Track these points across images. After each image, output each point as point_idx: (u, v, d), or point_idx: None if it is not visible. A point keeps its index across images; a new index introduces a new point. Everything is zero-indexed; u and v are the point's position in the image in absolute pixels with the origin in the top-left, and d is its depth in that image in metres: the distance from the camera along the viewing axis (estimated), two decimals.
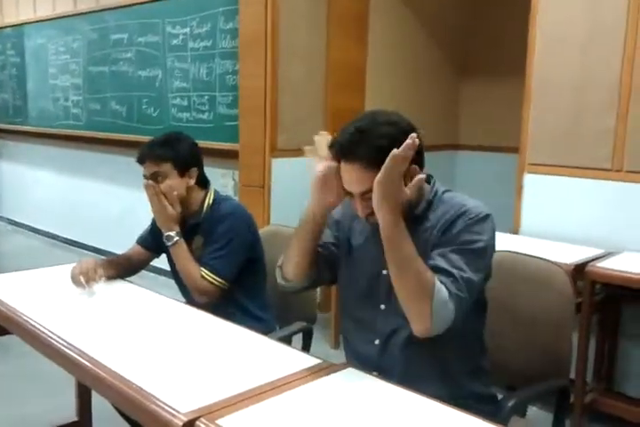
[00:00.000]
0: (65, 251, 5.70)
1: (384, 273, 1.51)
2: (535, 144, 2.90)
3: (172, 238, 2.01)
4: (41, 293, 1.97)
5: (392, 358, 1.50)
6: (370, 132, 1.38)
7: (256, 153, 3.59)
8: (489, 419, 1.19)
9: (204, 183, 2.14)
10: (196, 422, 1.16)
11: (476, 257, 1.39)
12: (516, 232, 2.95)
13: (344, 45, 3.79)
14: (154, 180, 2.03)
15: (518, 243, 2.65)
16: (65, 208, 5.97)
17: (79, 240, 5.77)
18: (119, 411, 1.78)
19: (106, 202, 5.38)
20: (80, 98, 5.40)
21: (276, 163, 3.56)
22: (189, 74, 4.24)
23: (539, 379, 1.62)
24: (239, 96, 3.73)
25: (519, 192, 2.97)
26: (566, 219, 2.82)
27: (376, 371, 1.47)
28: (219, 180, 3.99)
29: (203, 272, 1.97)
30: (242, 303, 2.07)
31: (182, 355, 1.50)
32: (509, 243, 2.40)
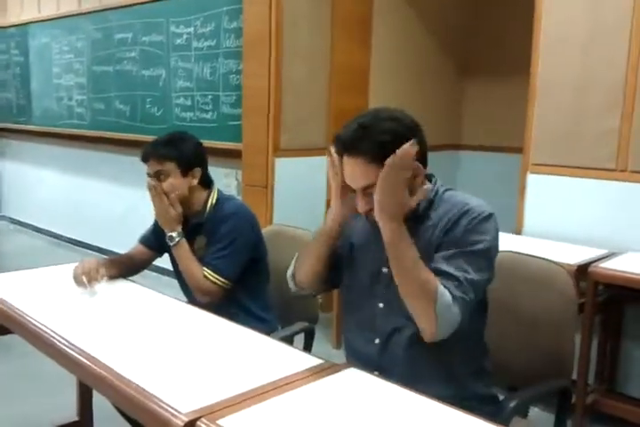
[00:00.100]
0: (68, 250, 5.71)
1: (384, 271, 1.51)
2: (538, 144, 2.89)
3: (174, 239, 2.01)
4: (43, 292, 1.98)
5: (393, 357, 1.49)
6: (373, 127, 1.39)
7: (259, 153, 3.59)
8: (490, 420, 1.19)
9: (208, 183, 2.14)
10: (197, 422, 1.16)
11: (480, 258, 1.39)
12: (519, 232, 2.94)
13: (347, 46, 3.79)
14: (157, 178, 2.03)
15: (521, 243, 2.64)
16: (68, 208, 5.98)
17: (82, 240, 5.78)
18: (120, 411, 1.79)
19: (109, 201, 5.39)
20: (84, 97, 5.41)
21: (279, 162, 3.56)
22: (193, 73, 4.24)
23: (540, 380, 1.62)
24: (243, 96, 3.73)
25: (522, 192, 2.96)
26: (569, 219, 2.81)
27: (376, 370, 1.47)
28: (222, 179, 4.00)
29: (205, 272, 1.97)
30: (244, 304, 2.07)
31: (184, 355, 1.50)
32: (512, 243, 2.39)
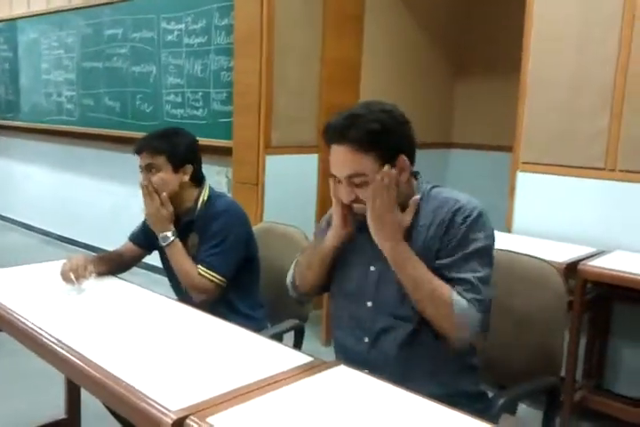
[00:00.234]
0: (57, 248, 5.68)
1: (372, 269, 1.52)
2: (528, 143, 2.90)
3: (169, 238, 2.00)
4: (31, 289, 1.96)
5: (382, 356, 1.50)
6: (363, 116, 1.41)
7: (250, 150, 3.59)
8: (479, 417, 1.19)
9: (200, 181, 2.13)
10: (187, 420, 1.16)
11: (483, 254, 1.43)
12: (509, 231, 2.95)
13: (339, 43, 3.78)
14: (148, 171, 2.03)
15: (511, 241, 2.65)
16: (57, 205, 5.95)
17: (71, 237, 5.75)
18: (108, 408, 1.78)
19: (98, 199, 5.36)
20: (73, 93, 5.37)
21: (270, 160, 3.55)
22: (184, 70, 4.22)
23: (529, 377, 1.63)
24: (233, 93, 3.72)
25: (512, 191, 2.97)
26: (559, 217, 2.83)
27: (366, 369, 1.47)
28: (213, 177, 3.98)
29: (200, 270, 1.96)
30: (233, 302, 2.06)
31: (173, 352, 1.49)
32: (502, 241, 2.38)
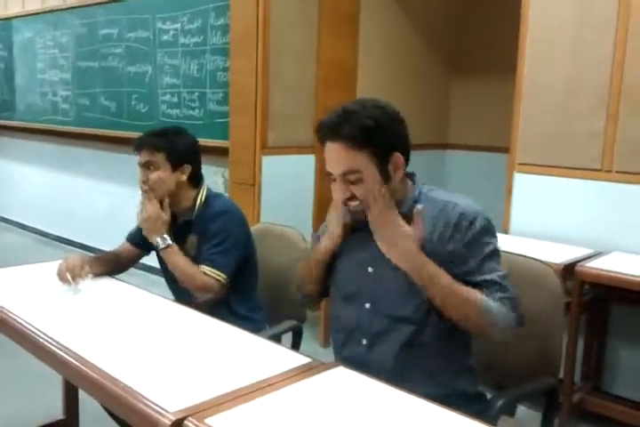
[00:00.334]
0: (54, 248, 5.66)
1: (369, 271, 1.51)
2: (525, 144, 2.90)
3: (166, 240, 1.99)
4: (28, 290, 1.95)
5: (380, 358, 1.49)
6: (356, 112, 1.40)
7: (246, 150, 3.58)
8: (478, 418, 1.19)
9: (198, 182, 2.12)
10: (185, 421, 1.15)
11: (497, 255, 1.48)
12: (506, 232, 2.95)
13: (335, 43, 3.78)
14: (146, 169, 2.03)
15: (508, 242, 2.64)
16: (54, 205, 5.92)
17: (68, 237, 5.73)
18: (107, 409, 1.77)
19: (95, 199, 5.34)
20: (69, 93, 5.35)
21: (267, 160, 3.54)
22: (180, 70, 4.21)
23: (528, 378, 1.63)
24: (230, 93, 3.71)
25: (509, 192, 2.97)
26: (556, 219, 2.83)
27: (364, 370, 1.46)
28: (210, 177, 3.96)
29: (204, 269, 1.95)
30: (231, 304, 2.05)
31: (171, 353, 1.48)
32: (499, 243, 2.39)
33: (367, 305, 1.51)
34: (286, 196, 3.62)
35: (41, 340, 1.54)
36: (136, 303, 1.88)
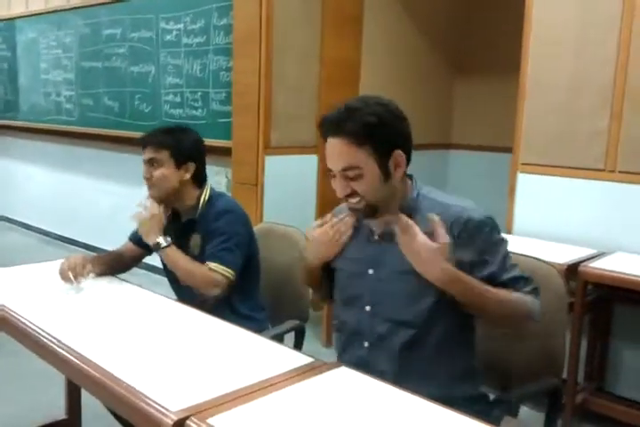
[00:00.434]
0: (57, 248, 5.66)
1: (370, 273, 1.50)
2: (528, 144, 2.90)
3: (168, 240, 1.99)
4: (31, 289, 1.96)
5: (382, 359, 1.49)
6: (359, 109, 1.40)
7: (249, 150, 3.58)
8: (481, 419, 1.19)
9: (201, 182, 2.12)
10: (187, 421, 1.15)
11: (509, 252, 1.51)
12: (509, 232, 2.95)
13: (338, 43, 3.78)
14: (150, 165, 2.03)
15: (511, 243, 2.62)
16: (57, 205, 5.93)
17: (71, 237, 5.74)
18: (109, 409, 1.77)
19: (98, 198, 5.35)
20: (72, 93, 5.36)
21: (270, 160, 3.54)
22: (183, 70, 4.21)
23: (531, 379, 1.62)
24: (233, 93, 3.71)
25: (512, 192, 2.97)
26: (559, 219, 2.82)
27: (366, 372, 1.46)
28: (212, 177, 3.95)
29: (212, 265, 1.94)
30: (233, 304, 2.04)
31: (173, 353, 1.48)
32: None
33: (367, 308, 1.51)
34: (289, 196, 3.62)
35: (43, 339, 1.54)
36: (138, 303, 1.88)
